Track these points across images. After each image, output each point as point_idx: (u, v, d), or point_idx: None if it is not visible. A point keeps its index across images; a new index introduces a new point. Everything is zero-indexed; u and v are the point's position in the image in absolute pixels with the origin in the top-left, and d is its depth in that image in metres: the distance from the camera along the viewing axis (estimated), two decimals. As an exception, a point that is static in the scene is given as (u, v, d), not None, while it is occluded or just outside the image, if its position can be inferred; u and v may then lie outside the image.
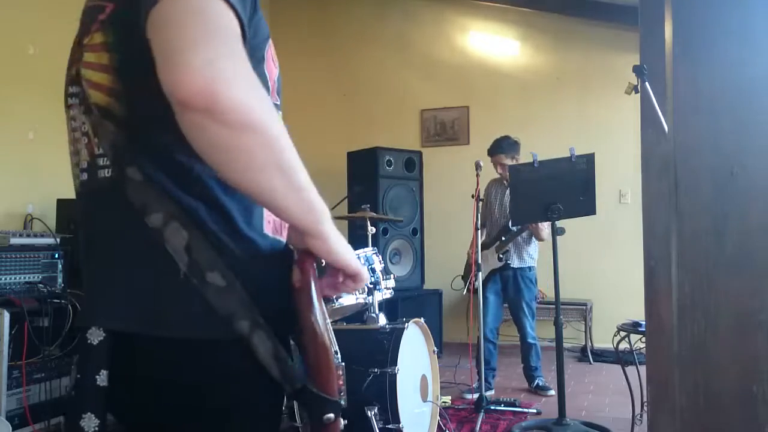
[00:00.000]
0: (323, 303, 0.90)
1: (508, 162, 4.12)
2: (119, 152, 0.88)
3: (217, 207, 0.87)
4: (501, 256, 4.11)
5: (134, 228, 0.85)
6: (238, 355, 0.85)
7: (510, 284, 4.17)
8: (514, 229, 4.09)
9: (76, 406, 0.87)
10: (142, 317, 0.86)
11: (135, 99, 0.87)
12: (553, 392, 3.95)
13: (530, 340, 4.12)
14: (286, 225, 0.99)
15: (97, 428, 0.86)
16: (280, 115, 1.02)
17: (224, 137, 0.75)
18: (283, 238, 0.98)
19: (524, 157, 3.98)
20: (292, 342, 0.92)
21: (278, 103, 1.00)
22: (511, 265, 4.13)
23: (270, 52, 0.97)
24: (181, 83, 0.73)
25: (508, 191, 4.16)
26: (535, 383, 4.12)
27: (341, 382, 0.90)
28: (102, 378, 0.86)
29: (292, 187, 0.81)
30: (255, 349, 0.83)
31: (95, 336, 0.87)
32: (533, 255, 4.18)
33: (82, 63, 0.92)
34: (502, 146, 4.18)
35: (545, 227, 3.96)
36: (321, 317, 0.86)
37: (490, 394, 3.97)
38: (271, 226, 0.95)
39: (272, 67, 0.97)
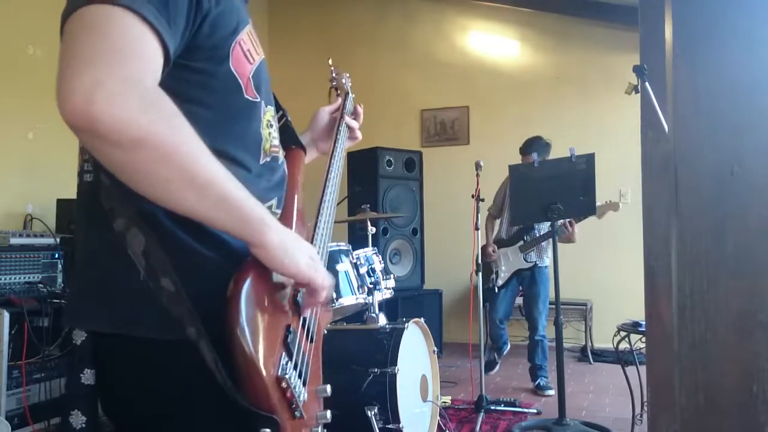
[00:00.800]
0: (271, 311, 0.88)
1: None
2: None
3: (174, 212, 0.85)
4: (526, 257, 4.19)
5: (104, 232, 0.87)
6: (196, 357, 0.84)
7: (527, 281, 4.27)
8: (536, 228, 4.16)
9: (66, 403, 0.90)
10: (110, 317, 0.88)
11: None
12: (552, 392, 3.98)
13: (538, 337, 4.18)
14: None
15: (84, 425, 0.89)
16: (266, 111, 1.01)
17: (117, 156, 0.74)
18: None
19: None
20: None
21: (257, 99, 0.98)
22: (536, 264, 4.21)
23: (241, 47, 0.93)
24: (63, 105, 0.72)
25: None
26: (537, 382, 4.14)
27: (289, 394, 0.87)
28: (87, 376, 0.89)
29: (211, 198, 0.78)
30: (204, 356, 0.82)
31: (78, 336, 0.90)
32: (549, 254, 4.22)
33: None
34: (535, 146, 4.15)
35: (578, 229, 4.01)
36: (252, 329, 0.82)
37: (494, 372, 4.33)
38: None
39: (244, 63, 0.94)
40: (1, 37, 3.64)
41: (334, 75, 1.67)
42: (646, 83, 2.24)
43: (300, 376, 0.93)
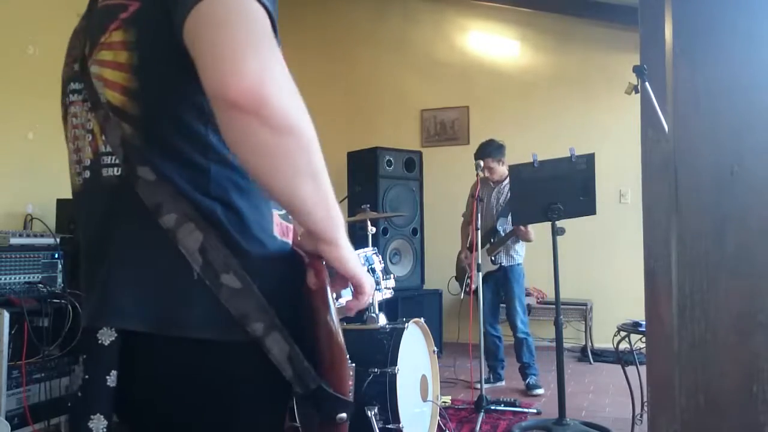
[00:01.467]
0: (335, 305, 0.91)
1: (496, 165, 4.26)
2: (130, 151, 0.87)
3: (232, 209, 0.88)
4: (494, 258, 4.20)
5: (146, 228, 0.85)
6: (248, 358, 0.85)
7: (501, 283, 4.28)
8: (501, 230, 4.21)
9: (84, 407, 0.86)
10: (154, 317, 0.85)
11: (151, 99, 0.87)
12: (541, 391, 4.05)
13: (520, 335, 4.18)
14: (291, 229, 0.99)
15: (105, 429, 0.86)
16: None
17: (268, 139, 0.77)
18: (290, 241, 0.98)
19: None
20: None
21: None
22: (502, 264, 4.23)
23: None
24: (234, 85, 0.74)
25: (494, 192, 4.31)
26: (527, 381, 4.14)
27: (351, 383, 0.92)
28: (112, 379, 0.86)
29: (320, 193, 0.83)
30: (268, 351, 0.83)
31: (106, 336, 0.86)
32: (520, 252, 4.29)
33: (94, 60, 0.90)
34: (490, 150, 4.27)
35: (531, 230, 4.09)
36: (336, 318, 0.87)
37: (501, 385, 4.23)
38: (278, 229, 0.95)
39: None
40: (1, 37, 3.64)
41: None
42: (646, 83, 2.24)
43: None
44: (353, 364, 0.97)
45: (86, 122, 0.93)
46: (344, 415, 0.86)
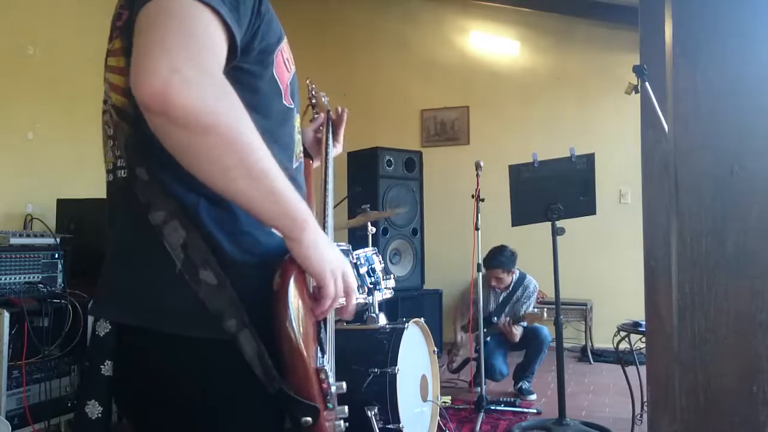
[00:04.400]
0: (307, 307, 0.90)
1: (504, 276, 4.14)
2: (131, 153, 0.92)
3: (221, 205, 0.89)
4: (476, 348, 3.85)
5: (139, 225, 0.89)
6: (229, 353, 0.86)
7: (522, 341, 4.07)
8: (493, 318, 4.08)
9: (83, 393, 0.91)
10: (139, 310, 0.89)
11: None
12: (534, 397, 3.96)
13: (545, 351, 4.04)
14: None
15: (100, 415, 0.90)
16: (296, 118, 1.06)
17: (184, 139, 0.77)
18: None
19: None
20: None
21: (292, 106, 1.02)
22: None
23: (282, 55, 0.98)
24: (140, 86, 0.75)
25: (495, 296, 4.20)
26: (519, 385, 4.03)
27: (325, 385, 0.90)
28: (106, 368, 0.90)
29: (261, 190, 0.82)
30: (241, 348, 0.85)
31: (102, 328, 0.91)
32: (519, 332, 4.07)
33: (106, 68, 0.97)
34: (501, 260, 4.11)
35: (518, 332, 3.95)
36: (297, 321, 0.85)
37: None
38: None
39: (284, 71, 0.99)
40: (1, 37, 3.64)
41: (312, 93, 1.73)
42: (646, 83, 2.24)
43: (330, 370, 0.97)
44: (324, 366, 0.92)
45: (108, 129, 0.99)
46: (308, 419, 0.86)
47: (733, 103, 1.15)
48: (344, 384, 1.05)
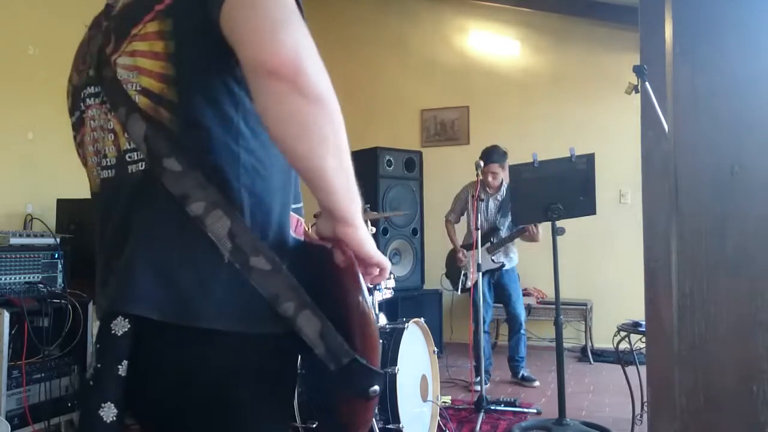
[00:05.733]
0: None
1: (499, 171, 4.32)
2: (154, 144, 0.89)
3: (256, 197, 0.91)
4: (494, 258, 4.27)
5: (174, 217, 0.87)
6: (259, 351, 0.87)
7: (501, 282, 4.37)
8: (502, 231, 4.30)
9: (96, 395, 0.87)
10: (172, 304, 0.86)
11: (188, 84, 0.90)
12: (537, 383, 4.21)
13: (523, 331, 4.35)
14: (302, 223, 1.02)
15: (115, 418, 0.86)
16: None
17: (301, 106, 0.82)
18: (301, 237, 1.01)
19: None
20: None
21: None
22: (504, 264, 4.31)
23: None
24: (274, 55, 0.81)
25: (491, 198, 4.40)
26: (521, 374, 4.31)
27: (380, 357, 0.93)
28: (123, 369, 0.87)
29: (342, 167, 0.86)
30: (300, 330, 0.84)
31: (120, 327, 0.87)
32: (516, 255, 4.42)
33: (124, 52, 0.93)
34: (497, 155, 4.33)
35: (542, 229, 4.11)
36: (368, 296, 0.88)
37: (486, 387, 4.15)
38: (292, 221, 0.99)
39: None
40: (1, 37, 3.64)
41: None
42: (646, 83, 2.24)
43: None
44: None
45: (106, 123, 0.96)
46: (377, 387, 0.86)
47: (733, 103, 1.15)
48: None
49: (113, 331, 0.86)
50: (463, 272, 4.37)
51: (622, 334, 2.92)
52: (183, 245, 0.87)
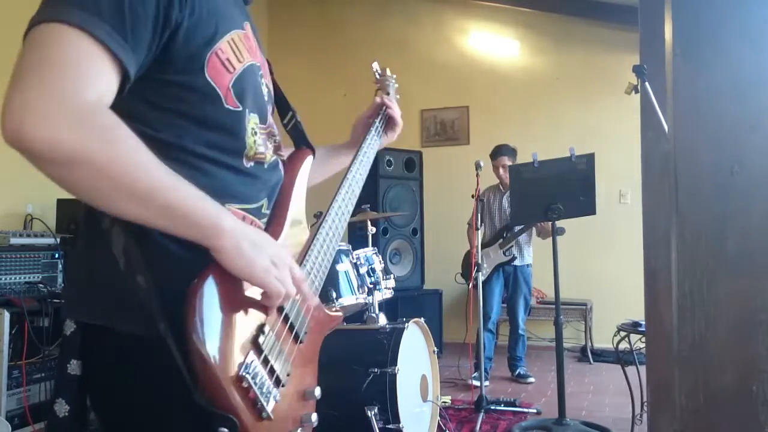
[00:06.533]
0: (240, 310, 0.88)
1: (510, 164, 4.33)
2: None
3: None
4: (506, 252, 4.37)
5: (93, 230, 0.90)
6: (164, 356, 0.84)
7: (511, 279, 4.45)
8: (515, 228, 4.35)
9: (54, 390, 0.94)
10: (92, 309, 0.91)
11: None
12: (533, 379, 4.33)
13: (521, 332, 4.45)
14: (258, 224, 1.00)
15: (67, 413, 0.90)
16: (251, 119, 0.99)
17: (57, 173, 0.76)
18: None
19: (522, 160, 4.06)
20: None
21: (239, 108, 0.96)
22: (515, 262, 4.39)
23: (218, 56, 0.92)
24: (3, 126, 0.73)
25: (504, 196, 4.44)
26: (518, 372, 4.41)
27: (251, 394, 0.86)
28: (72, 367, 0.91)
29: (153, 208, 0.80)
30: (170, 350, 0.82)
31: (68, 327, 0.93)
32: (531, 254, 4.50)
33: None
34: (506, 151, 4.46)
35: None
36: (206, 329, 0.81)
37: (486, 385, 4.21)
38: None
39: (222, 74, 0.93)
40: (1, 37, 3.64)
41: (377, 77, 1.69)
42: (646, 83, 2.24)
43: (272, 376, 0.91)
44: (247, 374, 0.89)
45: None
46: (224, 430, 0.81)
47: (733, 102, 1.15)
48: (318, 390, 1.04)
49: (64, 331, 0.93)
50: (476, 269, 4.42)
51: (622, 334, 2.92)
52: (100, 258, 0.90)
